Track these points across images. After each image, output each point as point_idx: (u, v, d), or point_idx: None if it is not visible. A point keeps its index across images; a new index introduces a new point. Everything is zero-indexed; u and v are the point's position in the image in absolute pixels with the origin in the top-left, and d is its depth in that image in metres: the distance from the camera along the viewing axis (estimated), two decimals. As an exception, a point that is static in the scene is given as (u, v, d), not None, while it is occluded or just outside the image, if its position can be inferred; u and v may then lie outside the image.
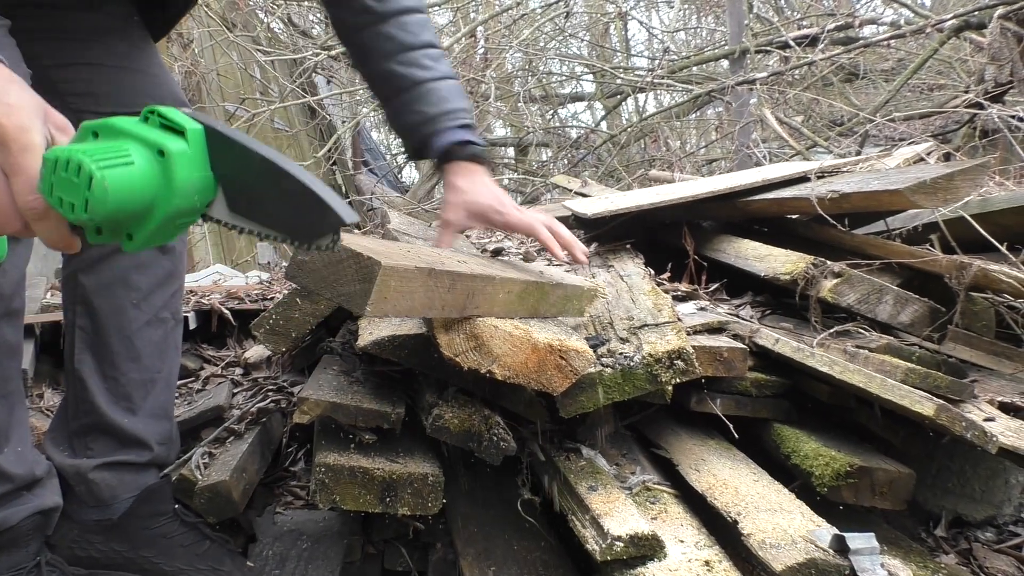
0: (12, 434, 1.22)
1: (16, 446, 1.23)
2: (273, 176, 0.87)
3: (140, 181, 0.80)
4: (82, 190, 0.76)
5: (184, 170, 0.82)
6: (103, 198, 0.77)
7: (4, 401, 1.20)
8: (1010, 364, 1.73)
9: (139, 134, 0.81)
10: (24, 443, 1.25)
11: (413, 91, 1.49)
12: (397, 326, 1.53)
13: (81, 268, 1.43)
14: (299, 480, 1.78)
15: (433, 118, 1.48)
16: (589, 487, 1.29)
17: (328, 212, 0.89)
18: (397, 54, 1.49)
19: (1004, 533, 1.65)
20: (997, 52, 4.02)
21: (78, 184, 0.76)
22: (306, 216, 0.89)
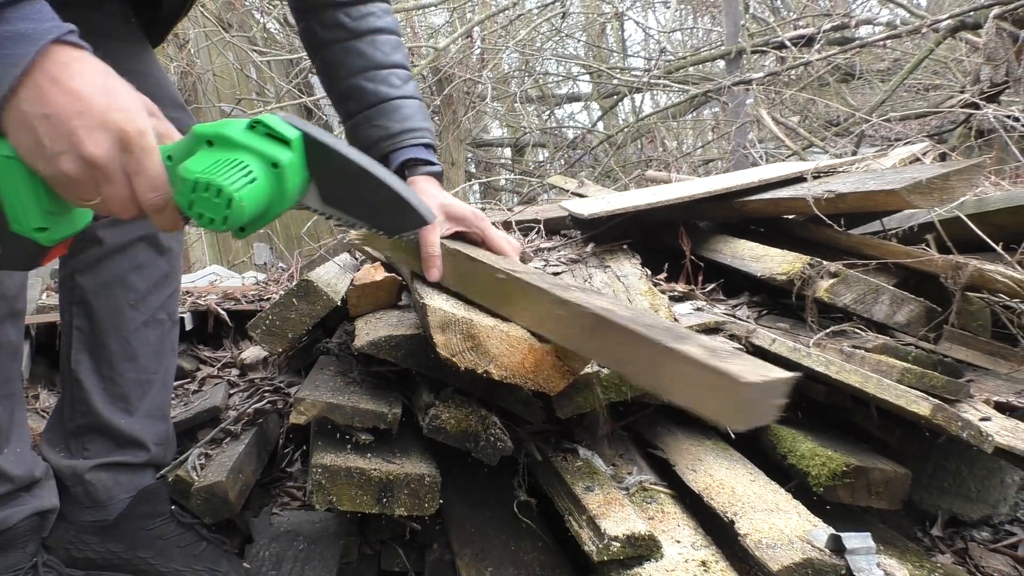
0: (12, 435, 1.22)
1: (16, 447, 1.23)
2: (366, 180, 1.02)
3: (263, 193, 0.93)
4: (222, 209, 0.90)
5: (293, 177, 0.95)
6: (240, 214, 0.91)
7: (6, 402, 1.20)
8: (1006, 364, 1.73)
9: (252, 146, 0.93)
10: (24, 444, 1.25)
11: (378, 107, 1.49)
12: (394, 326, 1.52)
13: (79, 269, 1.43)
14: (295, 481, 1.78)
15: (396, 134, 1.49)
16: (586, 487, 1.29)
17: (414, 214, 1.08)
18: (366, 71, 1.50)
19: (1000, 532, 1.66)
20: (993, 52, 4.03)
21: (218, 204, 0.90)
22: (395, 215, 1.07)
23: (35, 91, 0.84)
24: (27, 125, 0.86)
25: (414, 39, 7.75)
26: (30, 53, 0.84)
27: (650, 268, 2.11)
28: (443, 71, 6.80)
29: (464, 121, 7.53)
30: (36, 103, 0.84)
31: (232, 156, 0.92)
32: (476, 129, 8.77)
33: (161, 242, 1.47)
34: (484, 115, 8.48)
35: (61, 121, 0.85)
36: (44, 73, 0.85)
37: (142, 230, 1.44)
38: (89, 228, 1.41)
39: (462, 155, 7.86)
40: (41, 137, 0.85)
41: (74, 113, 0.85)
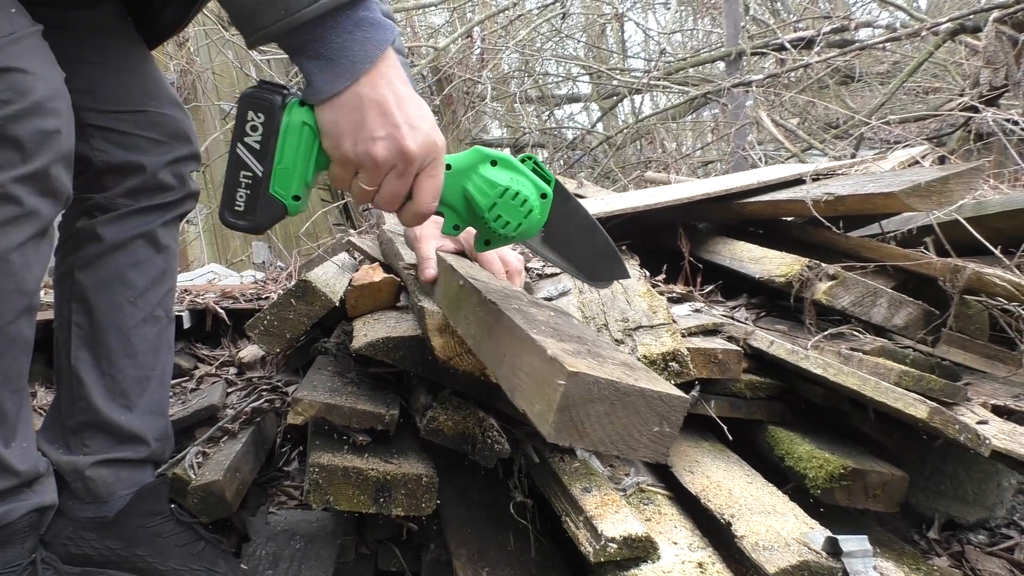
0: (18, 430, 1.22)
1: (22, 442, 1.23)
2: (591, 231, 1.22)
3: (537, 216, 1.12)
4: (521, 215, 1.09)
5: (547, 211, 1.13)
6: (533, 223, 1.11)
7: (16, 396, 1.20)
8: (1004, 367, 1.74)
9: (529, 176, 1.11)
10: (29, 439, 1.25)
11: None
12: (392, 328, 1.52)
13: (78, 265, 1.42)
14: (293, 480, 1.78)
15: None
16: (583, 488, 1.29)
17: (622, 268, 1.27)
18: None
19: (996, 536, 1.66)
20: (992, 55, 4.04)
21: (521, 211, 1.09)
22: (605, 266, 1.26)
23: (376, 80, 0.97)
24: (356, 106, 0.97)
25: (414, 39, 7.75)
26: (388, 40, 0.97)
27: (649, 269, 2.11)
28: (443, 71, 6.80)
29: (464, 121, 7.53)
30: (374, 90, 0.97)
31: (520, 177, 1.09)
32: (476, 129, 8.77)
33: (159, 239, 1.47)
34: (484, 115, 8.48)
35: (391, 112, 0.97)
36: (387, 64, 0.98)
37: (141, 227, 1.44)
38: (88, 225, 1.41)
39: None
40: (367, 119, 0.97)
41: (402, 109, 0.98)
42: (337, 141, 1.00)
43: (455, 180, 1.09)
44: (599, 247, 1.25)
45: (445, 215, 1.13)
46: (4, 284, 1.13)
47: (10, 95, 1.06)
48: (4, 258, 1.11)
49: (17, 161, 1.08)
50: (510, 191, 1.08)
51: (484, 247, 1.16)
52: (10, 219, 1.10)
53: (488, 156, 1.09)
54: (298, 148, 1.03)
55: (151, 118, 1.45)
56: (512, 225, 1.09)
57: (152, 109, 1.45)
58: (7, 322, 1.15)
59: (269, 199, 1.05)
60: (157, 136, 1.45)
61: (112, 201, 1.43)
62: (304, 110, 1.02)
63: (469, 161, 1.10)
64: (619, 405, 0.91)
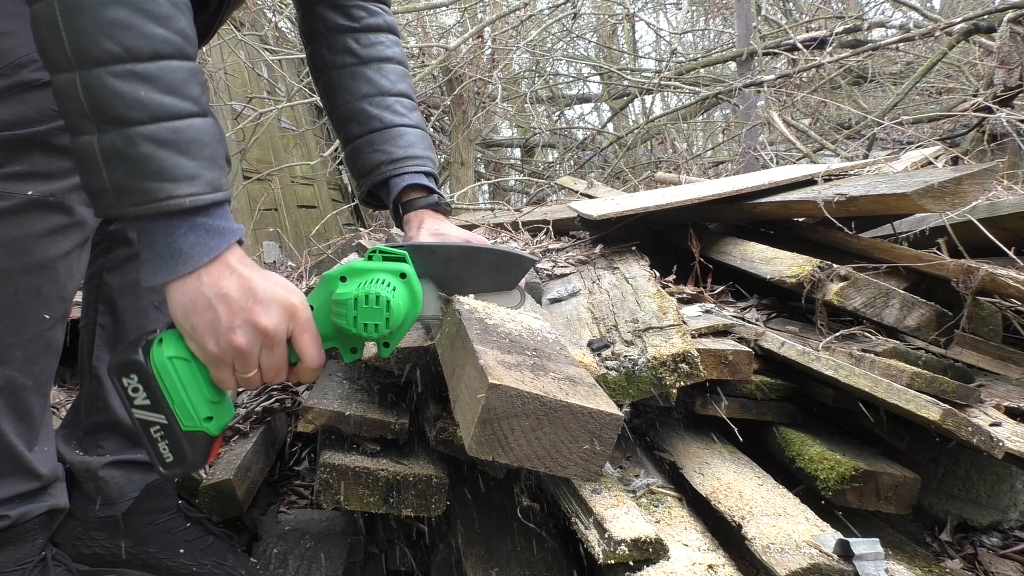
0: (42, 433, 1.24)
1: (43, 446, 1.24)
2: (473, 256, 1.27)
3: (404, 299, 1.13)
4: (383, 312, 1.09)
5: (416, 283, 1.15)
6: (397, 315, 1.11)
7: (43, 401, 1.22)
8: (1017, 369, 1.72)
9: (379, 268, 1.13)
10: (50, 443, 1.27)
11: (381, 132, 1.51)
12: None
13: (108, 267, 1.44)
14: (303, 479, 1.79)
15: (398, 159, 1.50)
16: (593, 490, 1.29)
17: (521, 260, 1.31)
18: (371, 96, 1.52)
19: (1010, 538, 1.65)
20: (1006, 56, 4.01)
21: (379, 309, 1.09)
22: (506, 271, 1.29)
23: (216, 276, 1.00)
24: (206, 305, 1.00)
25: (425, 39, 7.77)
26: (222, 246, 1.00)
27: (659, 270, 2.11)
28: (454, 71, 6.80)
29: (474, 121, 7.53)
30: (215, 285, 0.99)
31: (368, 278, 1.12)
32: (486, 129, 8.77)
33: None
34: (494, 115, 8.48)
35: (237, 299, 1.00)
36: (225, 263, 1.00)
37: None
38: (120, 228, 1.43)
39: (472, 155, 7.87)
40: (219, 313, 1.00)
41: (247, 293, 1.01)
42: (202, 344, 1.02)
43: (323, 315, 1.12)
44: (490, 262, 1.28)
45: (339, 348, 1.15)
46: (48, 291, 1.16)
47: None
48: (51, 266, 1.14)
49: (70, 171, 1.11)
50: (359, 299, 1.09)
51: (387, 350, 1.17)
52: (60, 228, 1.13)
53: (335, 276, 1.12)
54: (180, 380, 1.05)
55: None
56: (381, 325, 1.10)
57: None
58: (46, 328, 1.17)
59: (188, 436, 1.08)
60: None
61: None
62: (164, 346, 1.05)
63: (324, 293, 1.12)
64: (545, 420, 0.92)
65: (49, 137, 1.09)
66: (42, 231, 1.12)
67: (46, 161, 1.10)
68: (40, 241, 1.12)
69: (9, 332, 1.13)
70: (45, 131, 1.08)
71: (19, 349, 1.15)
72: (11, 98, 1.07)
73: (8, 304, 1.13)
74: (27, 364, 1.16)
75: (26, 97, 1.08)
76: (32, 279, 1.13)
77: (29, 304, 1.14)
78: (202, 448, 1.09)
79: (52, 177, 1.10)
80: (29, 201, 1.10)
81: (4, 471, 1.19)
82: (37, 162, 1.09)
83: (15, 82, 1.07)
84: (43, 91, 1.08)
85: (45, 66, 0.96)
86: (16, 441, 1.18)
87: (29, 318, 1.15)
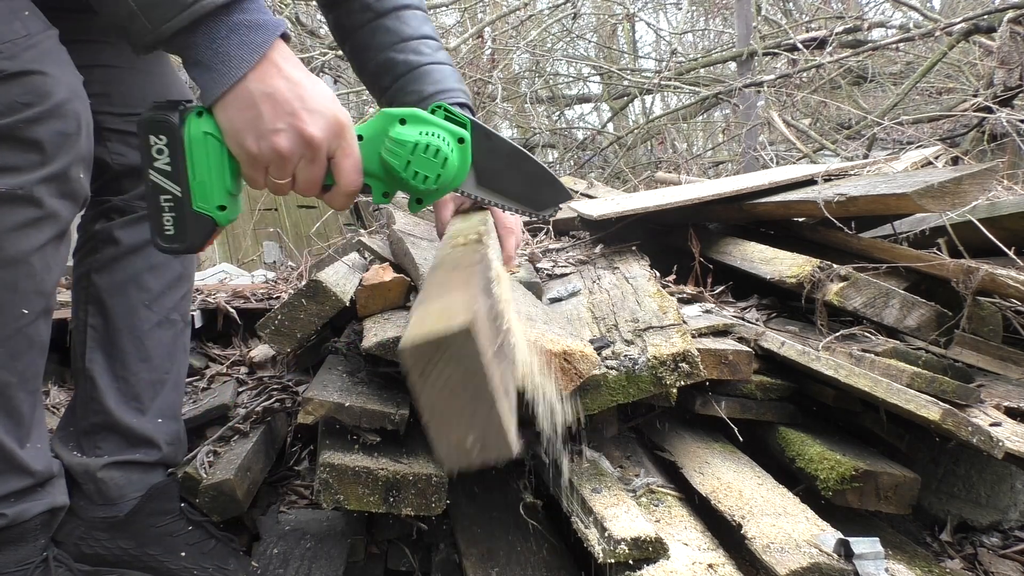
0: (33, 431, 1.23)
1: (36, 443, 1.24)
2: (520, 160, 1.24)
3: (456, 162, 1.12)
4: (437, 167, 1.09)
5: (468, 155, 1.14)
6: (452, 171, 1.11)
7: (31, 398, 1.21)
8: (1017, 369, 1.72)
9: (441, 124, 1.11)
10: (43, 440, 1.26)
11: (409, 75, 1.48)
12: (402, 327, 1.53)
13: (95, 268, 1.43)
14: (303, 479, 1.78)
15: (429, 96, 1.46)
16: (593, 489, 1.29)
17: (560, 188, 1.28)
18: (395, 44, 1.49)
19: (1010, 538, 1.65)
20: (1006, 56, 4.01)
21: (435, 163, 1.09)
22: (543, 191, 1.27)
23: (264, 73, 0.97)
24: (250, 102, 0.97)
25: (425, 39, 7.75)
26: (268, 41, 0.97)
27: (659, 270, 2.11)
28: (454, 71, 6.79)
29: (474, 121, 7.52)
30: (263, 83, 0.97)
31: (430, 128, 1.09)
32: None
33: None
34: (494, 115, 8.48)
35: (285, 101, 0.98)
36: (272, 60, 0.98)
37: None
38: (105, 228, 1.42)
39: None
40: (263, 113, 0.97)
41: (295, 97, 0.98)
42: (239, 141, 1.01)
43: (370, 149, 1.09)
44: (533, 174, 1.27)
45: (372, 186, 1.13)
46: (24, 286, 1.14)
47: (30, 98, 1.07)
48: (25, 260, 1.12)
49: (37, 163, 1.09)
50: (420, 145, 1.08)
51: (417, 206, 1.16)
52: (31, 221, 1.11)
53: (396, 116, 1.09)
54: (208, 159, 1.03)
55: None
56: (431, 179, 1.09)
57: None
58: (26, 323, 1.16)
59: (196, 216, 1.06)
60: None
61: (129, 204, 1.44)
62: (203, 120, 1.03)
63: (379, 126, 1.09)
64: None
65: (15, 130, 1.06)
66: (12, 225, 1.09)
67: (12, 154, 1.07)
68: (11, 235, 1.09)
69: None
70: (10, 123, 1.05)
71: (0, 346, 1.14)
72: None
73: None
74: (9, 360, 1.15)
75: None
76: (6, 274, 1.11)
77: (5, 299, 1.12)
78: (204, 233, 1.08)
79: (19, 170, 1.08)
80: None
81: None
82: (4, 156, 1.07)
83: None
84: (8, 83, 1.05)
85: None
86: (5, 438, 1.17)
87: (7, 313, 1.13)
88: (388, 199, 1.14)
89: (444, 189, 1.14)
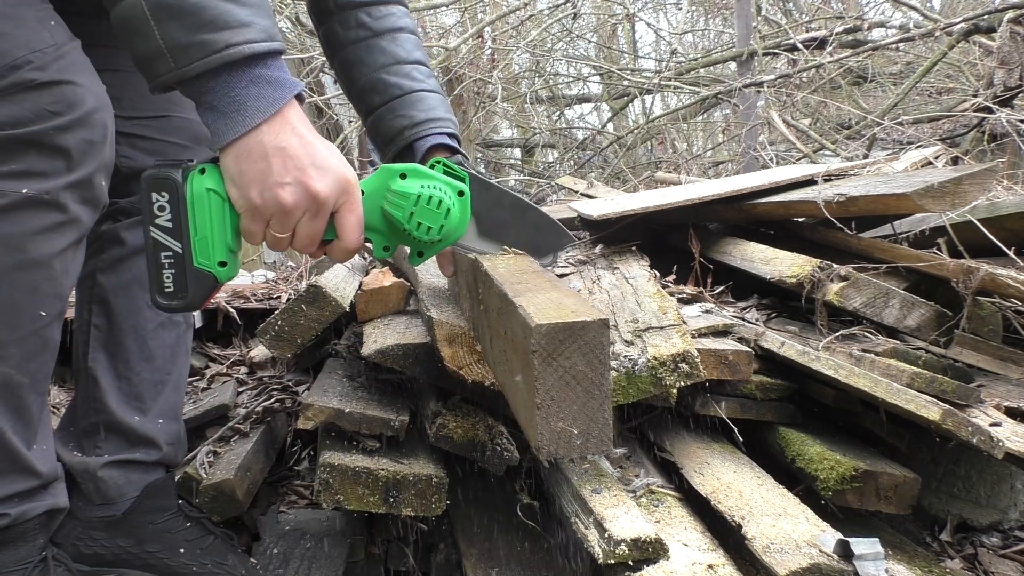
0: (40, 432, 1.24)
1: (42, 444, 1.25)
2: (522, 209, 1.28)
3: (458, 214, 1.14)
4: (440, 218, 1.11)
5: (468, 207, 1.16)
6: (455, 223, 1.13)
7: (40, 400, 1.23)
8: (1017, 369, 1.72)
9: (441, 178, 1.13)
10: (48, 442, 1.27)
11: (402, 98, 1.51)
12: (402, 333, 1.53)
13: (101, 268, 1.44)
14: (303, 479, 1.79)
15: (421, 122, 1.50)
16: (593, 490, 1.29)
17: (562, 233, 1.33)
18: (389, 65, 1.52)
19: (1010, 538, 1.65)
20: (1006, 56, 4.01)
21: (438, 214, 1.11)
22: (545, 237, 1.31)
23: (277, 128, 1.00)
24: (261, 154, 1.00)
25: (425, 39, 7.76)
26: (284, 98, 1.01)
27: (659, 270, 2.11)
28: (454, 71, 6.80)
29: (474, 121, 7.53)
30: (276, 137, 1.00)
31: (430, 182, 1.11)
32: (486, 129, 8.77)
33: None
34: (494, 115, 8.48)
35: (295, 157, 1.00)
36: (286, 116, 1.01)
37: None
38: (112, 229, 1.43)
39: (472, 155, 7.87)
40: (272, 166, 1.00)
41: (306, 154, 1.01)
42: (244, 191, 1.03)
43: (372, 203, 1.11)
44: (535, 221, 1.30)
45: (372, 240, 1.15)
46: (44, 288, 1.16)
47: (60, 107, 1.10)
48: (47, 263, 1.14)
49: (63, 170, 1.12)
50: (422, 197, 1.10)
51: (418, 259, 1.18)
52: (55, 225, 1.13)
53: (397, 170, 1.11)
54: (210, 215, 1.05)
55: (175, 123, 1.47)
56: (435, 229, 1.11)
57: (175, 114, 1.47)
58: (43, 326, 1.17)
59: (196, 273, 1.07)
60: (181, 141, 1.47)
61: (136, 206, 1.45)
62: (205, 177, 1.04)
63: (379, 181, 1.12)
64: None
65: (43, 137, 1.09)
66: (37, 228, 1.12)
67: (40, 160, 1.10)
68: (35, 238, 1.12)
69: (5, 329, 1.13)
70: (40, 131, 1.08)
71: (15, 346, 1.15)
72: (7, 99, 1.08)
73: (4, 301, 1.13)
74: (24, 362, 1.16)
75: (22, 97, 1.08)
76: (28, 276, 1.13)
77: (25, 301, 1.14)
78: (204, 290, 1.09)
79: (47, 176, 1.11)
80: (24, 199, 1.10)
81: (2, 469, 1.18)
82: (32, 161, 1.09)
83: (11, 83, 1.07)
84: (39, 92, 1.08)
85: None
86: (14, 439, 1.18)
87: (25, 315, 1.15)
88: (389, 253, 1.16)
89: (446, 240, 1.16)
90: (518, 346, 0.98)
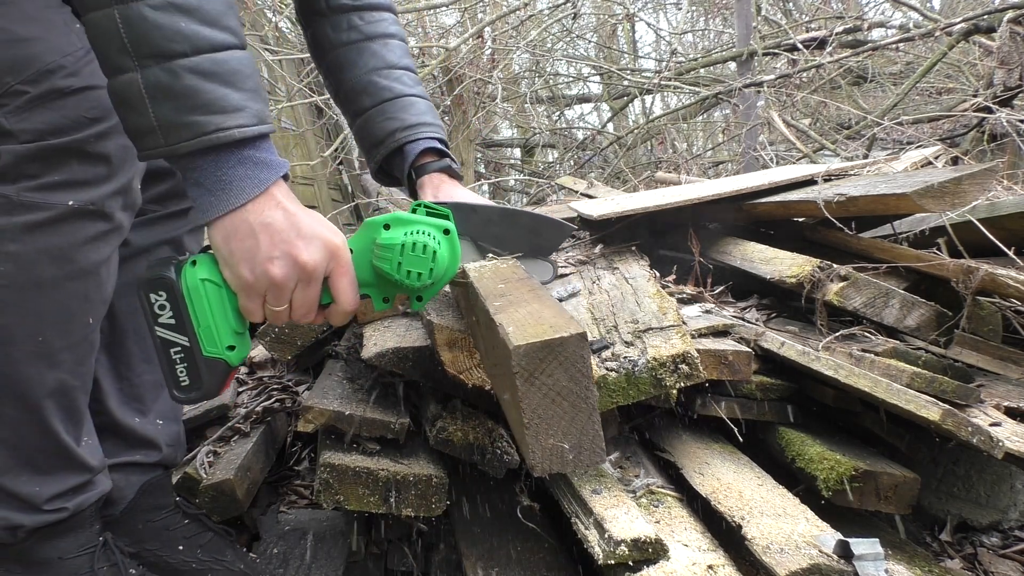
0: (85, 427, 1.26)
1: (87, 437, 1.28)
2: (513, 218, 1.32)
3: (447, 254, 1.14)
4: (428, 263, 1.11)
5: (457, 242, 1.16)
6: (445, 262, 1.13)
7: (86, 398, 1.25)
8: (1017, 369, 1.72)
9: (424, 221, 1.13)
10: (92, 435, 1.30)
11: (393, 102, 1.54)
12: (402, 336, 1.53)
13: None
14: (303, 479, 1.79)
15: (412, 126, 1.52)
16: (593, 490, 1.29)
17: (560, 225, 1.35)
18: (380, 69, 1.55)
19: (1009, 538, 1.65)
20: (1006, 56, 4.00)
21: (424, 259, 1.11)
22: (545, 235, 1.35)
23: (263, 206, 1.01)
24: (248, 232, 1.01)
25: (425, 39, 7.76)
26: (271, 179, 1.02)
27: (659, 270, 2.11)
28: (454, 71, 6.80)
29: (474, 121, 7.53)
30: (262, 215, 1.01)
31: (413, 228, 1.12)
32: (486, 129, 8.76)
33: (185, 245, 1.49)
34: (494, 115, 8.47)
35: (281, 231, 1.02)
36: (271, 194, 1.02)
37: (167, 233, 1.46)
38: None
39: (472, 155, 7.87)
40: (260, 243, 1.01)
41: (291, 227, 1.02)
42: (236, 270, 1.03)
43: (362, 260, 1.12)
44: (529, 225, 1.32)
45: (370, 295, 1.16)
46: (93, 295, 1.18)
47: (97, 113, 1.10)
48: (95, 271, 1.16)
49: (105, 177, 1.13)
50: (407, 245, 1.11)
51: (419, 304, 1.19)
52: (102, 234, 1.15)
53: (379, 223, 1.12)
54: (209, 304, 1.06)
55: None
56: (424, 274, 1.12)
57: None
58: (92, 330, 1.20)
59: (208, 362, 1.09)
60: None
61: (141, 206, 1.45)
62: (198, 268, 1.06)
63: (365, 237, 1.13)
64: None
65: (84, 145, 1.09)
66: (84, 239, 1.13)
67: (83, 169, 1.10)
68: (83, 248, 1.13)
69: (59, 337, 1.15)
70: (80, 139, 1.09)
71: (68, 352, 1.17)
72: (43, 106, 1.07)
73: (57, 310, 1.14)
74: (76, 366, 1.19)
75: (58, 104, 1.08)
76: (79, 285, 1.15)
77: (77, 309, 1.16)
78: (219, 377, 1.10)
79: (90, 184, 1.11)
80: (70, 211, 1.11)
81: (59, 467, 1.21)
82: (74, 170, 1.10)
83: (46, 90, 1.07)
84: (75, 97, 1.08)
85: (78, 7, 0.95)
86: (68, 439, 1.21)
87: (77, 322, 1.17)
88: (389, 304, 1.17)
89: (439, 282, 1.16)
90: (503, 365, 0.98)
